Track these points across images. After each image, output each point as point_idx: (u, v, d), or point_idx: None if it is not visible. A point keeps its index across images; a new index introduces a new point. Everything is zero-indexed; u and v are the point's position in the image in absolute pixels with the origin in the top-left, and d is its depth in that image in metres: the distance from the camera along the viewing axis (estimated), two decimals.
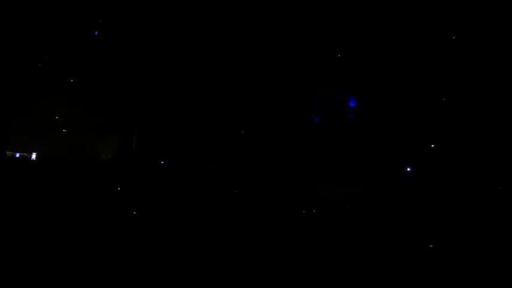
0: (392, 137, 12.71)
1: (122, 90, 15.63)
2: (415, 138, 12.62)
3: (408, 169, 12.87)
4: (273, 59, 14.10)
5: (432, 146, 12.83)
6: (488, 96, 11.64)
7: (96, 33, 12.48)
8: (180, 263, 6.99)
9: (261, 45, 13.93)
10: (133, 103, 15.18)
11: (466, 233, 8.35)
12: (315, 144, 14.09)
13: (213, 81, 15.16)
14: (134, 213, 7.90)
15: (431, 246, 5.85)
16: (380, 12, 11.94)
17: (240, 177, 13.00)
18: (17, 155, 12.25)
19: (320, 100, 14.91)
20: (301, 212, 9.13)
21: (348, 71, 14.01)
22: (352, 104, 14.79)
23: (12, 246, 6.98)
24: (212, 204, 9.97)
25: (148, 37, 15.06)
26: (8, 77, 11.52)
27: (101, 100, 15.73)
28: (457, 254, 7.17)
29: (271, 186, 12.18)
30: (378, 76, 13.01)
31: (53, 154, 13.31)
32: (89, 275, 6.56)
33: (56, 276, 6.48)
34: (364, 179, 12.04)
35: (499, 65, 11.21)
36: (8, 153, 11.44)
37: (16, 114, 12.53)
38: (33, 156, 12.81)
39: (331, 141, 13.54)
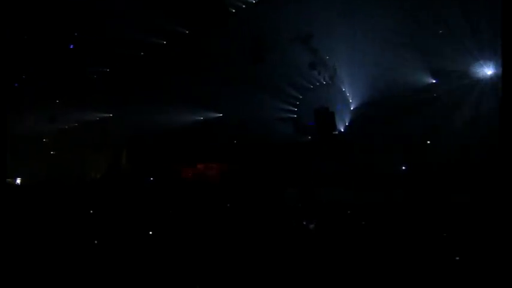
0: (388, 136, 12.59)
1: (108, 107, 15.50)
2: (410, 136, 12.53)
3: (403, 167, 12.74)
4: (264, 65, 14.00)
5: (428, 142, 12.71)
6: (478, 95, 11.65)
7: (71, 46, 12.17)
8: (172, 274, 6.71)
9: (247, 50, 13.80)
10: (121, 120, 15.03)
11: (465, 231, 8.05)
12: (310, 149, 13.89)
13: (202, 87, 15.02)
14: (96, 242, 7.61)
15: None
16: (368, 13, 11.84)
17: (234, 186, 12.76)
18: None
19: (313, 105, 14.78)
20: (300, 222, 8.78)
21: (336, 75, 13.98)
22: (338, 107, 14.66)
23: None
24: (205, 216, 9.63)
25: (133, 54, 14.94)
26: None
27: (88, 119, 15.59)
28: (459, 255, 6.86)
29: (265, 193, 11.92)
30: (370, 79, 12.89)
31: (41, 176, 13.01)
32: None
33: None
34: (362, 181, 11.85)
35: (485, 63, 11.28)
36: None
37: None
38: (18, 181, 12.43)
39: (326, 145, 13.38)
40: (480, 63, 11.11)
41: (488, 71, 11.12)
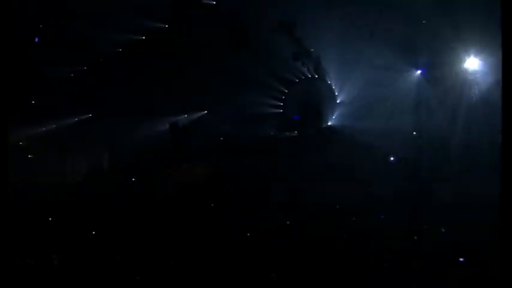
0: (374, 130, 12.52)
1: (87, 106, 14.99)
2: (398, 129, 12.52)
3: (392, 158, 12.74)
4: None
5: (414, 133, 12.73)
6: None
7: (36, 40, 11.51)
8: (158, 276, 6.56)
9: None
10: (102, 120, 14.56)
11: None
12: (296, 144, 13.72)
13: (184, 83, 14.61)
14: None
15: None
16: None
17: (219, 185, 12.54)
18: None
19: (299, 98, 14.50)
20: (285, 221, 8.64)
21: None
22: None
23: None
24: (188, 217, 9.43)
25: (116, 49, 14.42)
26: None
27: (67, 120, 15.08)
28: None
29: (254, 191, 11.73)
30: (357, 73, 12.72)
31: (18, 180, 12.47)
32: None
33: None
34: (350, 175, 11.77)
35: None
36: None
37: None
38: None
39: (312, 140, 13.22)
40: (469, 57, 11.21)
41: (475, 66, 11.25)
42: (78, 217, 9.85)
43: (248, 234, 7.89)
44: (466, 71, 11.50)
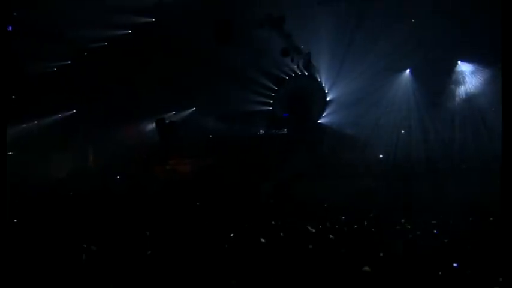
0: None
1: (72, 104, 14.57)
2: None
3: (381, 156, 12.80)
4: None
5: (403, 131, 12.80)
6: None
7: (10, 28, 11.04)
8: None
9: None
10: (86, 117, 14.21)
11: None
12: (284, 142, 13.63)
13: (173, 79, 14.31)
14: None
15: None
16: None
17: (207, 182, 12.39)
18: None
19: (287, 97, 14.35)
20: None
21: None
22: None
23: None
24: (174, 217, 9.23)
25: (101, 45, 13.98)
26: None
27: (50, 116, 14.66)
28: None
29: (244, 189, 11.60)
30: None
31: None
32: None
33: None
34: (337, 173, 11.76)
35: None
36: None
37: None
38: None
39: (301, 138, 13.15)
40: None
41: (465, 67, 11.37)
42: (60, 214, 9.56)
43: (231, 235, 7.69)
44: (453, 70, 11.65)
